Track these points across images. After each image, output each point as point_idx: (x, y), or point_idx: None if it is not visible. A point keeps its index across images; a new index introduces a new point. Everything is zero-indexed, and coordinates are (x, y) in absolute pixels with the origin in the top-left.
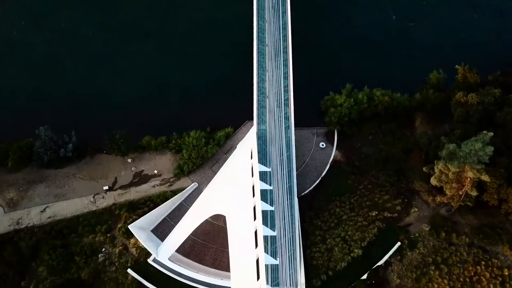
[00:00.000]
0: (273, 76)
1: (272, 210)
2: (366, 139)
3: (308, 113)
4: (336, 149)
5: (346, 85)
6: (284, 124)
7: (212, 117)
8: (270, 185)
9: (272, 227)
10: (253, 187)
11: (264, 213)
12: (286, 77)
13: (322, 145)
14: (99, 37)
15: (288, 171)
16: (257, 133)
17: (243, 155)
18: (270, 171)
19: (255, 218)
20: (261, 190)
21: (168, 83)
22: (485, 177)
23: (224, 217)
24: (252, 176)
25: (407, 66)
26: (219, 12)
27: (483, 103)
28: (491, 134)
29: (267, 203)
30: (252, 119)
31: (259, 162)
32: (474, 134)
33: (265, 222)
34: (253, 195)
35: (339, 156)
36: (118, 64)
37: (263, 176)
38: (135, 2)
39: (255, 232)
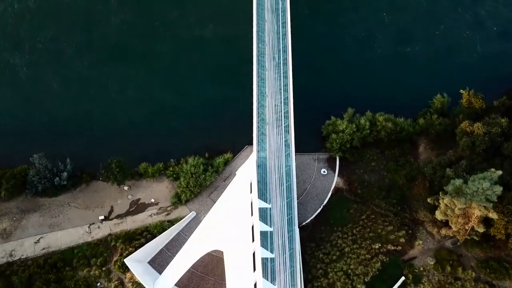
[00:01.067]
0: (273, 101)
1: (273, 258)
2: (369, 165)
3: (309, 138)
4: (338, 175)
5: (348, 109)
6: (285, 152)
7: (210, 142)
8: (271, 226)
9: (273, 276)
10: (252, 227)
11: (264, 260)
12: (286, 103)
13: (324, 171)
14: (90, 60)
15: (287, 202)
16: (257, 161)
17: (242, 187)
18: (270, 207)
19: (254, 269)
20: (260, 231)
21: (165, 107)
22: (492, 215)
23: None
24: (252, 214)
25: (409, 88)
26: (218, 34)
27: (489, 133)
28: (500, 172)
29: (267, 246)
30: (251, 143)
31: (258, 196)
32: (481, 166)
33: (265, 270)
34: (253, 240)
35: (341, 183)
36: (113, 88)
37: (263, 213)
38: (129, 25)
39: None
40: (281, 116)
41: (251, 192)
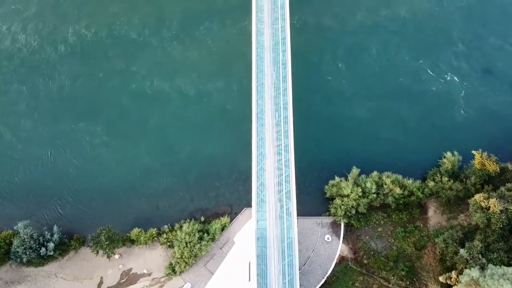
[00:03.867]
0: (273, 164)
1: None
2: (375, 231)
3: (312, 198)
4: (342, 242)
5: (353, 169)
6: (286, 222)
7: (206, 203)
8: None
9: None
10: None
11: None
12: (287, 165)
13: (328, 238)
14: (75, 120)
15: (289, 280)
16: (256, 233)
17: (241, 264)
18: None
19: None
20: None
21: (158, 168)
22: None
23: None
24: None
25: (418, 144)
26: (215, 91)
27: (506, 211)
28: None
29: None
30: (250, 205)
31: (258, 273)
32: (497, 245)
33: None
34: None
35: (346, 251)
36: (103, 149)
37: None
38: (120, 87)
39: None
40: (282, 180)
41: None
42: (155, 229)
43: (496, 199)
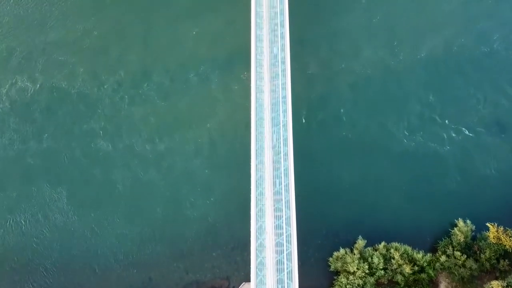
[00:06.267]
0: (273, 235)
1: None
2: None
3: (315, 270)
4: None
5: (358, 240)
6: None
7: (202, 276)
8: None
9: None
10: None
11: None
12: (289, 241)
13: None
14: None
15: None
16: None
17: None
18: None
19: None
20: None
21: (150, 238)
22: None
23: None
24: None
25: (426, 209)
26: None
27: None
28: None
29: None
30: (249, 280)
31: None
32: None
33: None
34: None
35: None
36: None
37: None
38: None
39: None
40: (283, 258)
41: None
42: None
43: None
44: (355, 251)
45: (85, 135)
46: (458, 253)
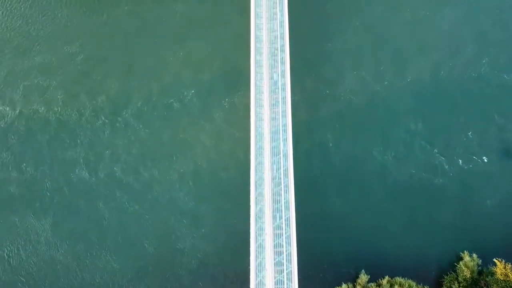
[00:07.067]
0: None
1: None
2: None
3: None
4: None
5: (361, 275)
6: None
7: None
8: None
9: None
10: None
11: None
12: (289, 278)
13: None
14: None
15: None
16: None
17: None
18: None
19: None
20: None
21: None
22: None
23: None
24: None
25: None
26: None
27: None
28: None
29: None
30: None
31: None
32: None
33: None
34: None
35: None
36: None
37: None
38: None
39: None
40: None
41: None
42: None
43: None
44: (358, 287)
45: (67, 164)
46: None
